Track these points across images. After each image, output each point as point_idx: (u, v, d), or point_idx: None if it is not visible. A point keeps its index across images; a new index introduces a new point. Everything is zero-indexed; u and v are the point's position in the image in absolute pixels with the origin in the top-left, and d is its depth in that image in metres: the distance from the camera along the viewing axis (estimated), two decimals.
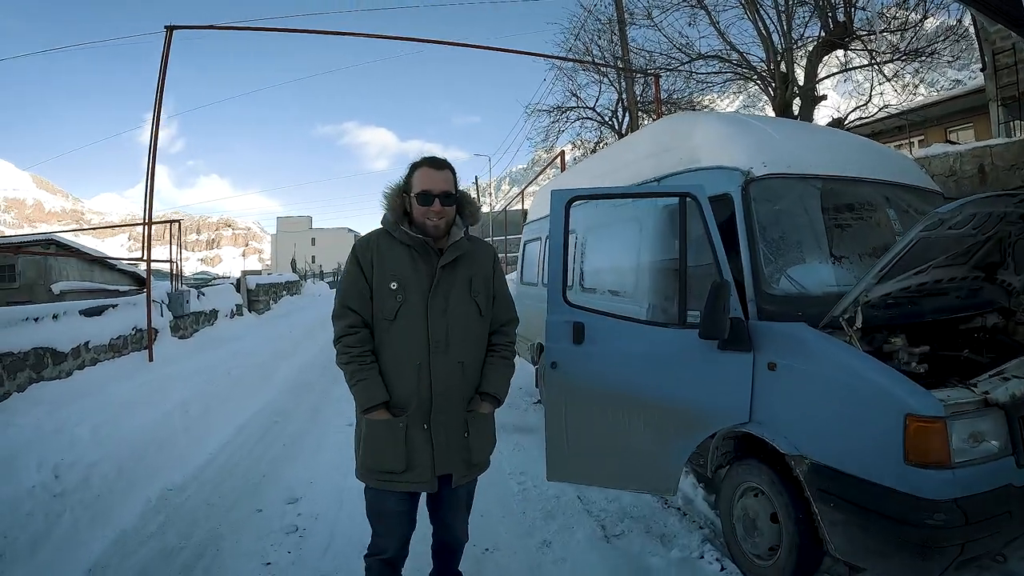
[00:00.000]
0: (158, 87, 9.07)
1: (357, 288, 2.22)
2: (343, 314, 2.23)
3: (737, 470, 3.03)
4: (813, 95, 8.82)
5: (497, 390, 2.36)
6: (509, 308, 2.48)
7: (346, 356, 2.19)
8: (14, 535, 3.12)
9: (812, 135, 3.89)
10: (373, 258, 2.22)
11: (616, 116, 15.86)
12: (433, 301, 2.19)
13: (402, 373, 2.18)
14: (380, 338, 2.22)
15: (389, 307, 2.18)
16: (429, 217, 2.19)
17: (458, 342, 2.23)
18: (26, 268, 18.67)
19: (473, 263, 2.33)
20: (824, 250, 3.07)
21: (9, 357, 5.20)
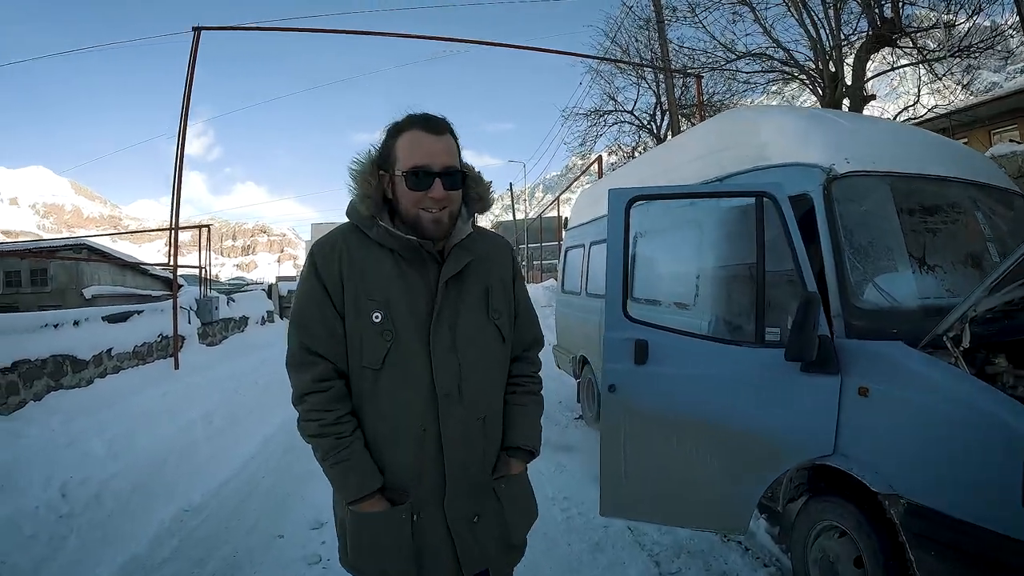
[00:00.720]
0: (186, 87, 9.03)
1: (322, 320, 1.48)
2: (304, 362, 1.48)
3: (815, 506, 2.69)
4: (862, 94, 8.42)
5: (529, 440, 1.68)
6: (533, 324, 1.79)
7: (315, 426, 1.46)
8: (14, 560, 2.91)
9: (889, 130, 3.53)
10: (343, 271, 1.47)
11: (655, 120, 15.54)
12: (437, 333, 1.48)
13: (399, 442, 1.49)
14: (361, 393, 1.50)
15: (374, 349, 1.46)
16: (426, 207, 1.46)
17: (476, 389, 1.54)
18: (58, 272, 18.95)
19: (488, 269, 1.62)
20: (914, 257, 2.72)
21: (26, 364, 5.05)
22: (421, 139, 1.46)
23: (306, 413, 1.48)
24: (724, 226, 3.38)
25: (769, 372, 2.54)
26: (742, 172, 3.30)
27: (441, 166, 1.45)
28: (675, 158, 4.38)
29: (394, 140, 1.49)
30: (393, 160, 1.48)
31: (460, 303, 1.52)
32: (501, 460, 1.64)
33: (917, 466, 2.19)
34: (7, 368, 4.78)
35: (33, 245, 20.47)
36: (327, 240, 1.54)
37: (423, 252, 1.49)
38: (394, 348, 1.45)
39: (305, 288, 1.51)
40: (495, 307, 1.59)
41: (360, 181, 1.51)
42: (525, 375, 1.73)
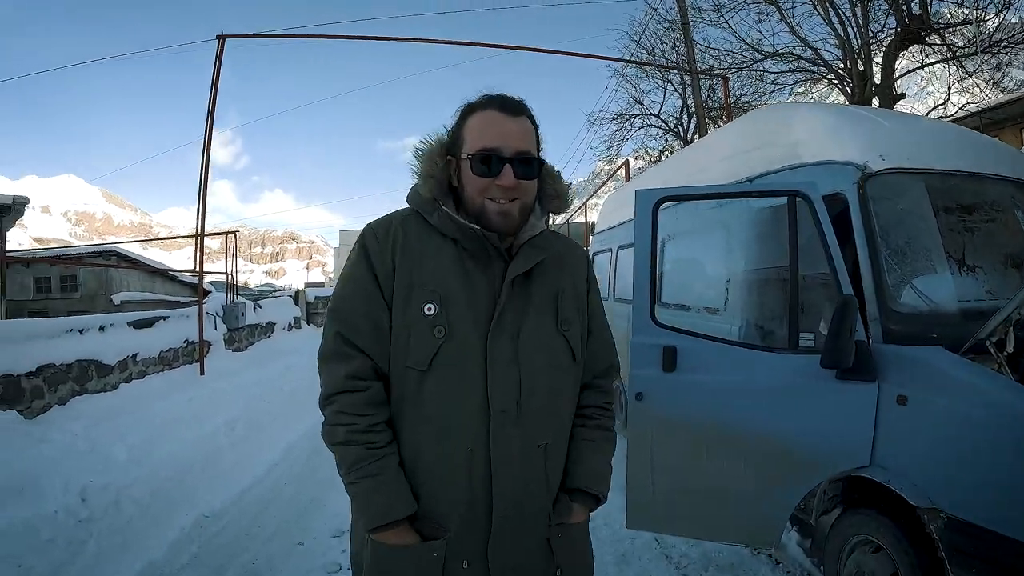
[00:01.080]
0: (210, 95, 9.14)
1: (367, 309, 1.28)
2: (340, 354, 1.28)
3: (850, 520, 2.58)
4: (892, 93, 8.22)
5: (598, 483, 1.41)
6: (609, 347, 1.53)
7: (343, 431, 1.23)
8: (30, 563, 2.90)
9: (924, 126, 3.41)
10: (396, 257, 1.29)
11: (682, 123, 15.37)
12: (497, 339, 1.26)
13: (441, 464, 1.25)
14: (402, 400, 1.27)
15: (422, 346, 1.24)
16: (493, 196, 1.27)
17: (538, 409, 1.30)
18: (88, 279, 19.35)
19: (560, 272, 1.41)
20: (953, 258, 2.61)
21: (51, 369, 5.09)
22: (493, 119, 1.28)
23: (334, 415, 1.25)
24: (755, 227, 3.29)
25: (803, 379, 2.43)
26: (772, 172, 3.20)
27: (513, 150, 1.26)
28: (703, 159, 4.30)
29: (464, 121, 1.32)
30: (461, 143, 1.30)
31: (526, 308, 1.31)
32: (562, 503, 1.35)
33: (958, 479, 2.08)
34: (32, 372, 4.82)
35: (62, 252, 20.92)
36: (382, 222, 1.35)
37: (488, 245, 1.29)
38: (446, 347, 1.24)
39: (351, 273, 1.32)
40: (565, 316, 1.36)
41: (424, 161, 1.34)
42: (597, 406, 1.47)
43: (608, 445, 1.47)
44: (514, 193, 1.27)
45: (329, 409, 1.27)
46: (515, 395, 1.26)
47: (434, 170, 1.32)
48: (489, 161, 1.25)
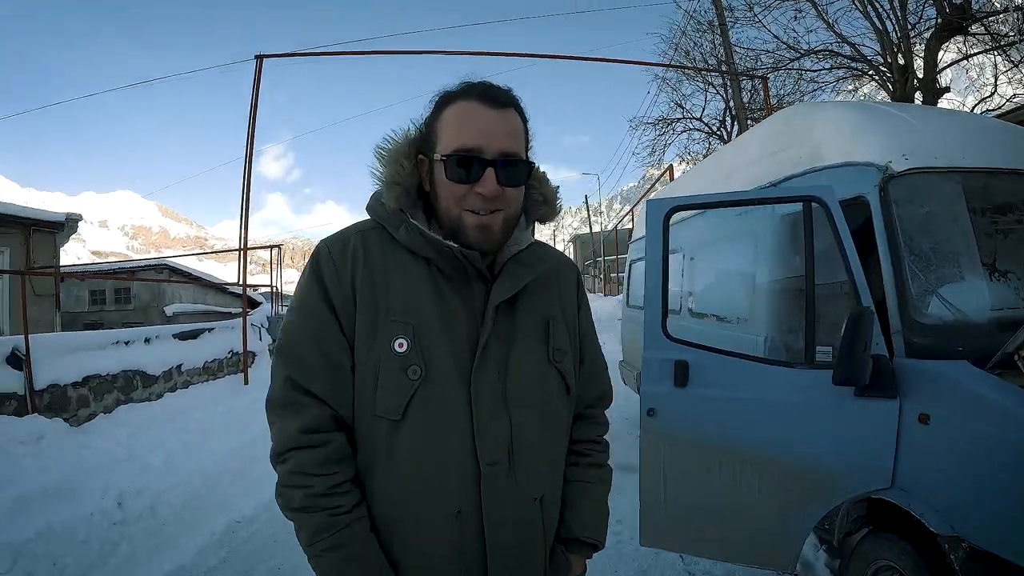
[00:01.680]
0: (251, 112, 9.44)
1: (321, 347, 1.06)
2: (291, 404, 1.05)
3: (872, 543, 2.42)
4: (935, 86, 7.85)
5: (595, 531, 1.25)
6: (602, 373, 1.36)
7: (300, 495, 1.02)
8: (64, 562, 3.05)
9: (957, 120, 3.19)
10: (356, 282, 1.07)
11: (724, 125, 15.10)
12: (482, 376, 1.07)
13: (422, 529, 1.06)
14: (374, 455, 1.06)
15: (394, 391, 1.03)
16: (472, 207, 1.05)
17: (533, 457, 1.12)
18: (141, 291, 20.16)
19: (550, 295, 1.22)
20: (988, 263, 2.45)
21: (96, 379, 5.33)
22: (474, 112, 1.05)
23: (288, 476, 1.03)
24: (773, 235, 3.17)
25: (820, 395, 2.30)
26: (798, 175, 3.08)
27: (497, 151, 1.03)
28: (733, 162, 4.17)
29: (439, 113, 1.08)
30: (435, 140, 1.07)
31: (513, 337, 1.12)
32: (558, 557, 1.21)
33: (982, 506, 1.92)
34: (78, 383, 5.09)
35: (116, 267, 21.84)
36: (337, 239, 1.12)
37: (467, 266, 1.08)
38: (423, 391, 1.03)
39: (302, 302, 1.09)
40: (557, 346, 1.18)
41: (389, 163, 1.11)
42: (589, 440, 1.29)
43: (603, 485, 1.30)
44: (496, 203, 1.05)
45: (282, 468, 1.04)
46: (506, 443, 1.08)
47: (400, 175, 1.09)
48: (468, 164, 1.03)
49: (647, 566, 3.36)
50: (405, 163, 1.10)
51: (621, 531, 3.76)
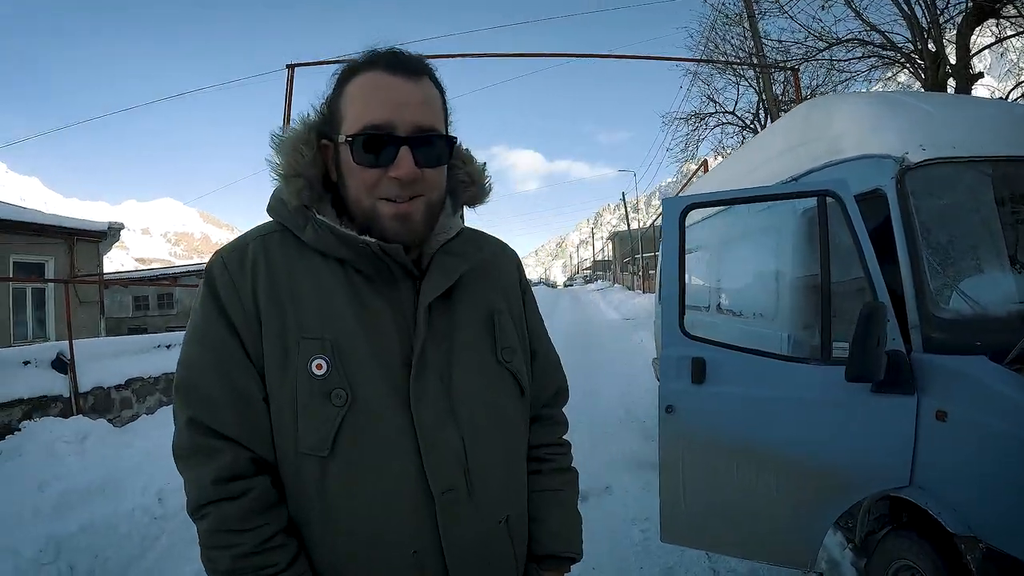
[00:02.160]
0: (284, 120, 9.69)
1: (225, 377, 0.89)
2: (199, 450, 0.88)
3: (892, 542, 2.38)
4: (968, 72, 7.58)
5: (570, 543, 1.13)
6: (556, 368, 1.22)
7: (227, 558, 0.85)
8: (106, 555, 3.21)
9: (979, 108, 3.12)
10: (259, 297, 0.90)
11: (758, 119, 14.87)
12: (421, 389, 0.92)
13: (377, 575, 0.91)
14: (304, 498, 0.90)
15: (317, 423, 0.88)
16: (387, 194, 0.90)
17: (493, 476, 0.98)
18: (183, 296, 20.83)
19: (489, 285, 1.07)
20: (1009, 255, 2.37)
21: (139, 382, 5.55)
22: (381, 83, 0.90)
23: (210, 536, 0.86)
24: (795, 231, 3.15)
25: (836, 392, 2.27)
26: (818, 168, 3.05)
27: (411, 126, 0.89)
28: (756, 157, 4.14)
29: (342, 89, 0.94)
30: (339, 119, 0.93)
31: (453, 340, 0.98)
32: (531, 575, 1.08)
33: (1000, 506, 1.89)
34: (121, 385, 5.33)
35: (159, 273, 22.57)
36: (233, 248, 0.95)
37: (389, 263, 0.93)
38: (352, 417, 0.88)
39: (198, 327, 0.92)
40: (506, 344, 1.03)
41: (286, 152, 0.94)
42: (549, 444, 1.16)
43: (571, 490, 1.17)
44: (416, 188, 0.91)
45: (201, 527, 0.88)
46: (461, 463, 0.93)
47: (299, 165, 0.93)
48: (379, 144, 0.88)
49: (672, 563, 3.36)
50: (305, 151, 0.94)
51: (648, 528, 3.77)
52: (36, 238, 12.03)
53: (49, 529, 3.34)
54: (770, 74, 11.65)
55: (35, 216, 12.55)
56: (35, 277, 10.54)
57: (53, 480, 3.95)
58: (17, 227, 11.54)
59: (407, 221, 0.92)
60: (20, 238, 11.67)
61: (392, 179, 0.89)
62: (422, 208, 0.93)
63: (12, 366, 5.01)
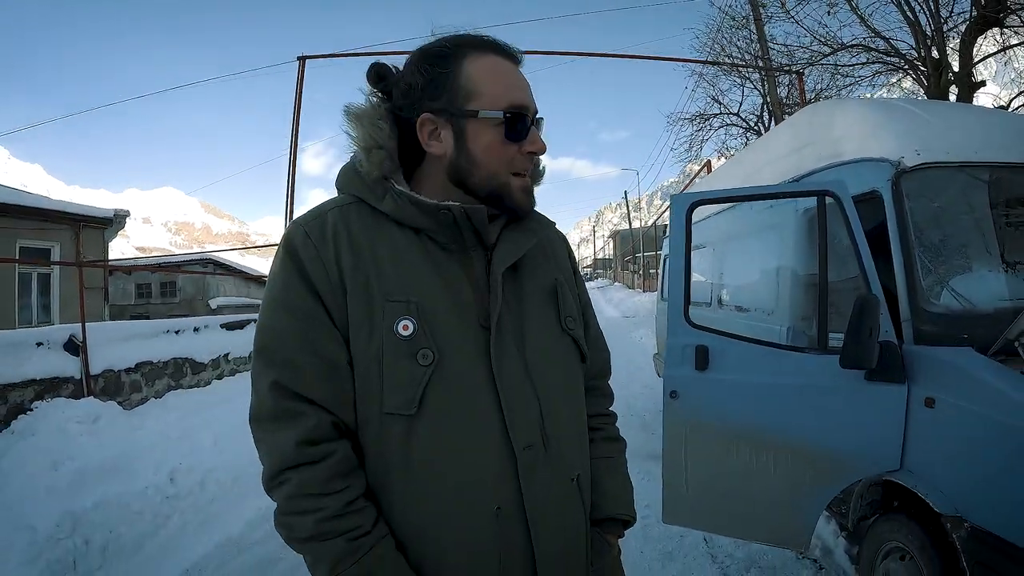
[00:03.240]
0: (294, 112, 9.75)
1: (311, 343, 0.91)
2: (283, 414, 0.90)
3: (883, 526, 2.51)
4: (970, 80, 7.66)
5: (628, 508, 1.18)
6: (603, 343, 1.28)
7: (311, 522, 0.87)
8: (120, 531, 3.33)
9: (975, 115, 3.23)
10: (342, 264, 0.93)
11: (762, 120, 14.93)
12: (501, 352, 0.96)
13: (457, 535, 0.92)
14: (387, 460, 0.92)
15: (405, 383, 0.90)
16: (519, 168, 0.99)
17: (565, 433, 1.03)
18: (186, 284, 20.92)
19: (548, 260, 1.13)
20: (997, 255, 2.49)
21: (148, 365, 5.66)
22: (508, 69, 0.98)
23: (290, 501, 0.88)
24: (797, 230, 3.26)
25: (831, 380, 2.39)
26: (819, 170, 3.16)
27: (534, 108, 0.99)
28: (760, 158, 4.25)
29: (457, 65, 0.96)
30: (463, 94, 0.95)
31: (523, 307, 1.02)
32: (597, 541, 1.11)
33: (984, 487, 2.00)
34: (131, 368, 5.43)
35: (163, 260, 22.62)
36: (312, 218, 0.97)
37: (465, 230, 0.97)
38: (439, 376, 0.90)
39: (280, 294, 0.93)
40: (568, 313, 1.09)
41: (365, 124, 0.98)
42: (602, 414, 1.23)
43: (621, 458, 1.23)
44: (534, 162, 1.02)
45: (281, 493, 0.89)
46: (538, 422, 0.97)
47: (381, 137, 0.98)
48: (522, 123, 0.96)
49: (672, 548, 3.48)
50: (382, 124, 0.98)
51: (649, 515, 3.87)
52: (42, 224, 12.07)
53: (64, 506, 3.44)
54: (775, 77, 11.71)
55: (42, 202, 12.56)
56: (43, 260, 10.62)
57: (66, 459, 4.05)
58: (24, 212, 11.58)
59: (530, 193, 1.02)
60: (27, 223, 11.71)
61: (528, 154, 0.98)
62: (531, 182, 1.03)
63: (25, 347, 5.10)
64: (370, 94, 1.02)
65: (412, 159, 1.03)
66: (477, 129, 0.95)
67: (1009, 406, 1.91)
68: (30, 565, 2.95)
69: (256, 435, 0.92)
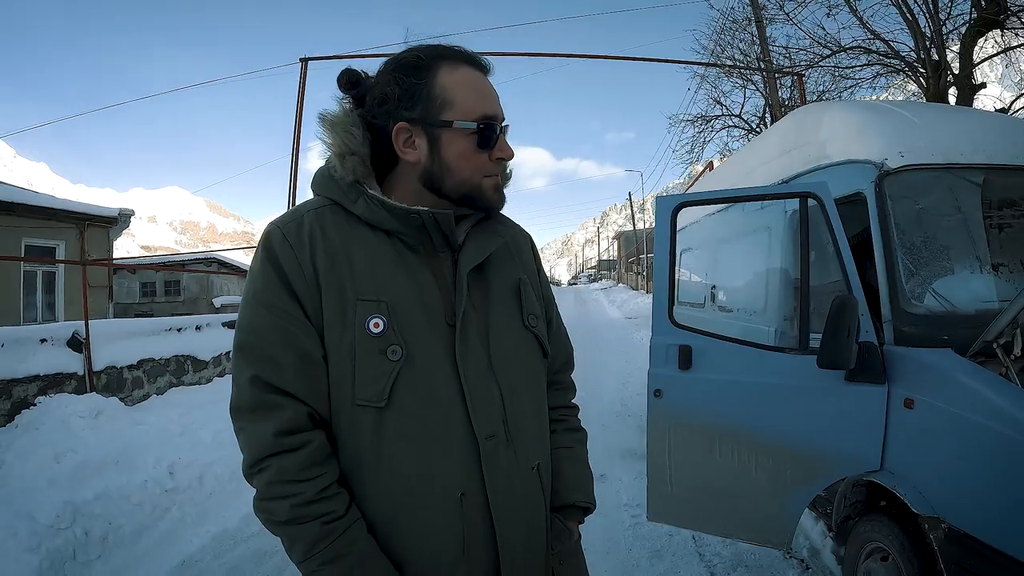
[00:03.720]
0: (296, 113, 9.79)
1: (288, 336, 0.97)
2: (261, 405, 0.96)
3: (865, 526, 2.52)
4: (970, 82, 7.65)
5: (586, 494, 1.25)
6: (566, 339, 1.36)
7: (287, 507, 0.93)
8: (119, 523, 3.40)
9: (963, 117, 3.24)
10: (317, 263, 0.99)
11: (764, 122, 14.91)
12: (466, 347, 1.03)
13: (424, 520, 0.99)
14: (359, 449, 0.99)
15: (375, 376, 0.97)
16: (490, 171, 1.06)
17: (526, 424, 1.11)
18: (190, 283, 21.01)
19: (513, 260, 1.20)
20: (980, 257, 2.51)
21: (150, 362, 5.73)
22: (478, 80, 1.05)
23: (269, 488, 0.94)
24: (785, 231, 3.29)
25: (812, 380, 2.41)
26: (806, 172, 3.19)
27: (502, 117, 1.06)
28: (753, 160, 4.28)
29: (432, 76, 1.02)
30: (437, 104, 1.01)
31: (488, 305, 1.09)
32: (557, 527, 1.18)
33: (961, 488, 2.00)
34: (133, 365, 5.51)
35: (167, 259, 22.72)
36: (290, 219, 1.04)
37: (432, 234, 1.04)
38: (406, 371, 0.97)
39: (259, 291, 0.99)
40: (531, 311, 1.16)
41: (338, 131, 1.04)
42: (564, 406, 1.30)
43: (582, 447, 1.31)
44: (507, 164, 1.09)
45: (260, 480, 0.95)
46: (500, 413, 1.05)
47: (353, 143, 1.04)
48: (492, 132, 1.03)
49: (660, 547, 3.51)
50: (355, 131, 1.04)
51: (639, 514, 3.90)
52: (48, 222, 12.17)
53: (66, 497, 3.51)
54: (776, 79, 11.71)
55: (47, 200, 12.65)
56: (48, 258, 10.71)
57: (68, 452, 4.13)
58: (30, 211, 11.67)
59: (499, 190, 1.09)
60: (32, 222, 11.80)
61: (498, 160, 1.05)
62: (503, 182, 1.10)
63: (29, 343, 5.18)
64: (341, 100, 1.08)
65: (385, 163, 1.08)
66: (451, 138, 1.01)
67: (986, 408, 1.93)
68: (31, 553, 3.01)
69: (236, 425, 0.98)
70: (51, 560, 3.06)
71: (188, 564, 3.31)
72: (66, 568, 3.11)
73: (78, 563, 3.17)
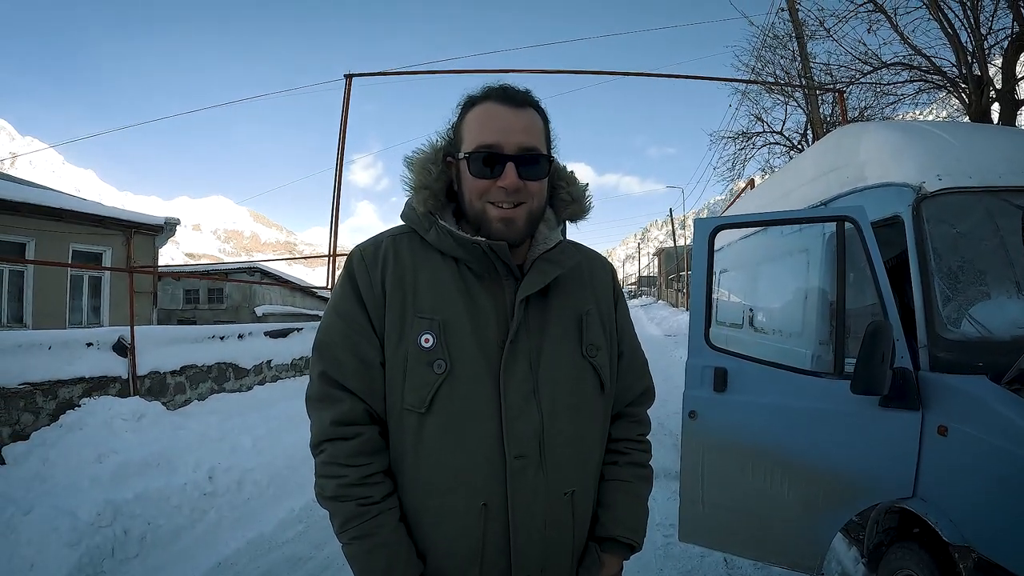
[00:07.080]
0: (341, 129, 9.99)
1: (353, 343, 1.12)
2: (325, 397, 1.12)
3: (896, 553, 2.47)
4: (1013, 98, 7.40)
5: (633, 531, 1.25)
6: (642, 370, 1.36)
7: (333, 485, 1.08)
8: (158, 523, 3.53)
9: (1003, 138, 3.16)
10: (386, 282, 1.13)
11: (806, 139, 14.68)
12: (511, 370, 1.10)
13: (450, 521, 1.09)
14: (404, 446, 1.11)
15: (419, 385, 1.08)
16: (495, 200, 1.11)
17: (564, 451, 1.14)
18: (232, 292, 21.44)
19: (583, 290, 1.24)
20: (1019, 281, 2.45)
21: (193, 369, 5.91)
22: (494, 112, 1.11)
23: (323, 467, 1.10)
24: (823, 254, 3.26)
25: (846, 405, 2.39)
26: (843, 195, 3.16)
27: (516, 146, 1.09)
28: (791, 181, 4.25)
29: (463, 117, 1.16)
30: (459, 141, 1.14)
31: (544, 332, 1.14)
32: (590, 557, 1.20)
33: (993, 518, 1.97)
34: (176, 371, 5.69)
35: (211, 267, 23.21)
36: (370, 243, 1.19)
37: (495, 261, 1.13)
38: (448, 385, 1.07)
39: (337, 302, 1.16)
40: (591, 341, 1.19)
41: (417, 170, 1.17)
42: (629, 439, 1.30)
43: (643, 484, 1.29)
44: (518, 196, 1.10)
45: (318, 459, 1.11)
46: (537, 436, 1.09)
47: (427, 179, 1.16)
48: (490, 161, 1.09)
49: (692, 567, 3.48)
50: (432, 168, 1.16)
51: (672, 534, 3.86)
52: (96, 229, 12.55)
53: (106, 496, 3.65)
54: (817, 95, 11.53)
55: (96, 208, 13.07)
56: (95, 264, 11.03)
57: (111, 453, 4.30)
58: (78, 217, 12.04)
59: (511, 224, 1.11)
60: (80, 228, 12.18)
61: (500, 188, 1.10)
62: (524, 214, 1.12)
63: (76, 346, 5.40)
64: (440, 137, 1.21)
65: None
66: (463, 169, 1.13)
67: (1019, 437, 1.89)
68: (71, 549, 3.14)
69: (308, 412, 1.16)
70: (90, 556, 3.19)
71: (224, 566, 3.40)
72: (104, 565, 3.23)
73: (116, 560, 3.29)
